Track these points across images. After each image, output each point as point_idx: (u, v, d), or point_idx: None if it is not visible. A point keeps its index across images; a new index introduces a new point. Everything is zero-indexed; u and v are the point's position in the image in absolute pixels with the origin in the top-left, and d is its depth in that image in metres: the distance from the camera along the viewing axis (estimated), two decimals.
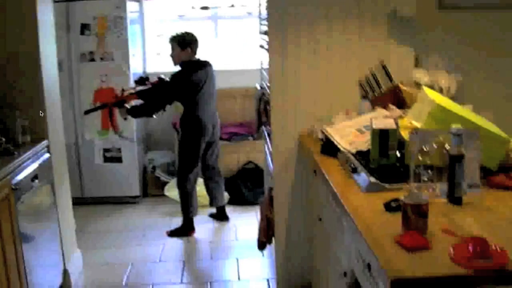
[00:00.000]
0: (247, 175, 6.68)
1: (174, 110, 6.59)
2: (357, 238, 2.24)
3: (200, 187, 5.96)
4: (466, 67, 3.89)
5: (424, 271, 1.78)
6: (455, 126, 2.33)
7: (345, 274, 2.62)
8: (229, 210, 6.13)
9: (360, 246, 2.22)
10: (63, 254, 4.40)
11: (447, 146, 2.39)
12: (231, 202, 6.38)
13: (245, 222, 5.83)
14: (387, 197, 2.39)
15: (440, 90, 3.64)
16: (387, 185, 2.54)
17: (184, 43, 5.51)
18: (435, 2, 4.04)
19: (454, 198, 2.35)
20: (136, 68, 6.68)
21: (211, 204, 6.00)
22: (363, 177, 2.68)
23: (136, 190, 6.59)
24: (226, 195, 6.30)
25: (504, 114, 3.18)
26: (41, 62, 4.10)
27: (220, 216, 5.99)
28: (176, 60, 5.58)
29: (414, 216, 2.02)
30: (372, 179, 2.59)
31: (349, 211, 2.37)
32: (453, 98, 3.59)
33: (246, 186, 6.53)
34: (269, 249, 4.76)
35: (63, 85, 5.34)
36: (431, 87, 3.56)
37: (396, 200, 2.26)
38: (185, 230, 5.63)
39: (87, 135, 6.46)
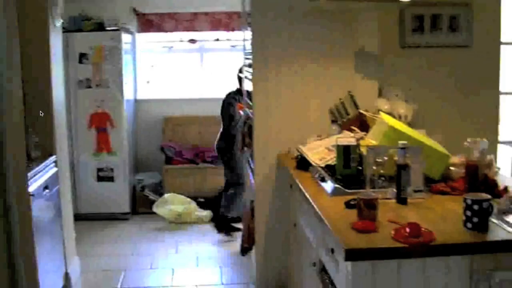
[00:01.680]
0: None
1: (161, 134, 7.23)
2: (323, 229, 2.82)
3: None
4: (422, 97, 4.52)
5: (370, 245, 2.36)
6: (401, 142, 2.95)
7: (314, 264, 3.19)
8: (212, 226, 6.74)
9: (326, 236, 2.81)
10: (65, 259, 4.90)
11: (395, 158, 2.99)
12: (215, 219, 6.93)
13: (227, 237, 6.36)
14: (348, 199, 2.96)
15: (399, 117, 4.25)
16: (348, 190, 3.12)
17: None
18: (397, 40, 4.68)
19: (401, 199, 2.95)
20: (127, 94, 7.23)
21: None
22: (329, 184, 3.26)
23: (126, 207, 7.11)
24: (209, 213, 6.90)
25: (451, 136, 3.71)
26: (52, 85, 4.64)
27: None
28: None
29: (365, 208, 2.60)
30: (336, 185, 3.18)
31: (318, 210, 2.94)
32: (410, 124, 4.22)
33: None
34: (248, 258, 5.34)
35: None
36: (391, 114, 4.18)
37: (354, 199, 2.84)
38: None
39: (82, 156, 6.99)
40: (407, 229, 2.42)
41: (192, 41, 8.06)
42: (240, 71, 6.14)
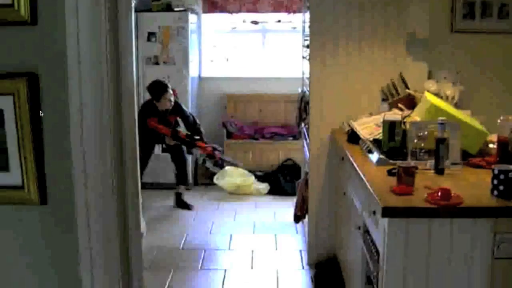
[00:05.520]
0: (286, 170, 7.59)
1: (223, 110, 7.66)
2: (367, 194, 3.16)
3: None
4: (470, 80, 4.79)
5: (405, 204, 2.71)
6: (440, 118, 3.27)
7: (359, 227, 3.55)
8: (269, 198, 7.18)
9: (369, 199, 3.15)
10: None
11: (435, 133, 3.31)
12: (271, 192, 7.35)
13: (282, 208, 6.73)
14: (390, 168, 3.30)
15: (446, 98, 4.53)
16: (391, 161, 3.46)
17: None
18: (448, 26, 4.94)
19: (438, 169, 3.27)
20: (193, 72, 7.65)
21: None
22: (375, 156, 3.61)
23: (189, 178, 7.54)
24: (266, 186, 7.30)
25: (497, 117, 3.96)
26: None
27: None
28: None
29: (404, 175, 2.94)
30: (381, 156, 3.52)
31: (363, 177, 3.28)
32: (457, 104, 4.51)
33: (285, 179, 7.44)
34: (302, 227, 5.71)
35: None
36: (438, 95, 4.47)
37: (395, 168, 3.17)
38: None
39: None
40: (439, 193, 2.75)
41: (255, 22, 8.40)
42: None
